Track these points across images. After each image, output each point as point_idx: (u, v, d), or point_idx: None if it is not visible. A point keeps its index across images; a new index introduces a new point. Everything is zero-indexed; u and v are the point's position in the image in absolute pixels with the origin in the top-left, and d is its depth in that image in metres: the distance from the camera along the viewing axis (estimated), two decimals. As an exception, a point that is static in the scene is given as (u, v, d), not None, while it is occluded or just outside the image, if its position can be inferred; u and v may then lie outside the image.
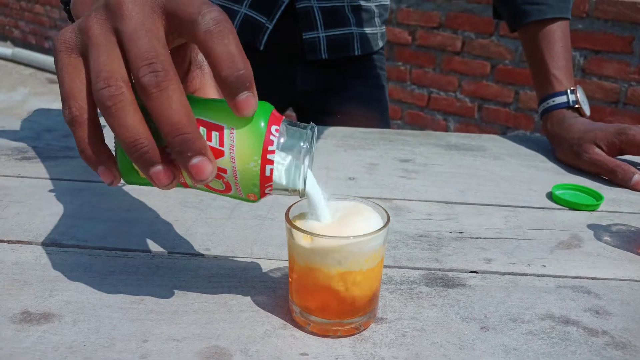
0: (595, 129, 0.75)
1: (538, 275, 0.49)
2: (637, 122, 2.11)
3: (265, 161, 0.34)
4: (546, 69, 0.81)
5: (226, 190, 0.36)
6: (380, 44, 1.03)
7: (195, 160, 0.32)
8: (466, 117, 2.54)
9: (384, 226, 0.38)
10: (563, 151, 0.78)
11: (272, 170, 0.34)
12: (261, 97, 0.35)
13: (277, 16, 0.91)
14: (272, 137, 0.34)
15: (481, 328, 0.41)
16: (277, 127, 0.35)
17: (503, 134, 2.43)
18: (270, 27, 0.91)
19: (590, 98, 2.15)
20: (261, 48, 0.93)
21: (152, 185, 0.35)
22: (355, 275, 0.38)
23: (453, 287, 0.47)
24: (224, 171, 0.34)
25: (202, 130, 0.33)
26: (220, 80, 0.32)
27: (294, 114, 1.11)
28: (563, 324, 0.42)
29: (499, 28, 2.33)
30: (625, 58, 2.08)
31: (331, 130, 0.88)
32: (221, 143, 0.33)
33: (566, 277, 0.49)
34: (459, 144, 0.85)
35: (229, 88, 0.32)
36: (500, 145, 0.85)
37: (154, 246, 0.51)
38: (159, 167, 0.32)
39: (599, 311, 0.44)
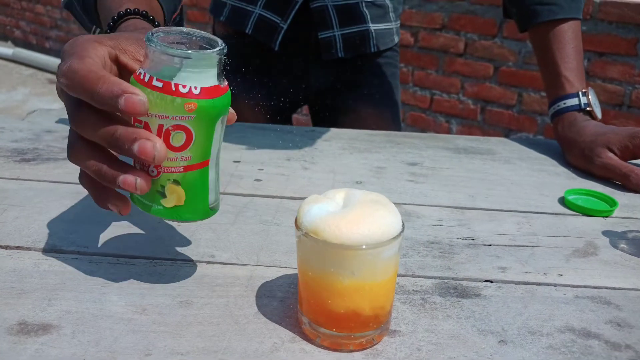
0: (607, 133, 0.73)
1: (555, 285, 0.47)
2: (642, 125, 2.10)
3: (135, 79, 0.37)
4: (557, 70, 0.79)
5: (189, 139, 0.37)
6: (396, 39, 1.02)
7: (135, 146, 0.35)
8: (469, 119, 2.52)
9: (399, 235, 0.36)
10: (574, 155, 0.76)
11: (150, 77, 0.36)
12: (276, 94, 0.35)
13: (291, 16, 0.90)
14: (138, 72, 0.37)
15: (499, 342, 0.40)
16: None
17: (506, 136, 2.41)
18: (285, 26, 0.91)
19: (594, 100, 2.14)
20: (276, 48, 0.92)
21: (172, 218, 0.40)
22: (369, 286, 0.36)
23: (468, 297, 0.45)
24: (160, 127, 0.36)
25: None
26: None
27: (305, 116, 1.11)
28: (584, 337, 0.41)
29: (502, 29, 2.32)
30: (630, 60, 2.07)
31: (336, 133, 0.86)
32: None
33: (584, 286, 0.48)
34: (467, 147, 0.83)
35: (109, 108, 0.36)
36: (510, 149, 0.83)
37: (157, 252, 0.49)
38: (120, 178, 0.37)
39: (621, 323, 0.43)
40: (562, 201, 0.65)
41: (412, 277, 0.47)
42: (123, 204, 0.39)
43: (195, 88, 0.35)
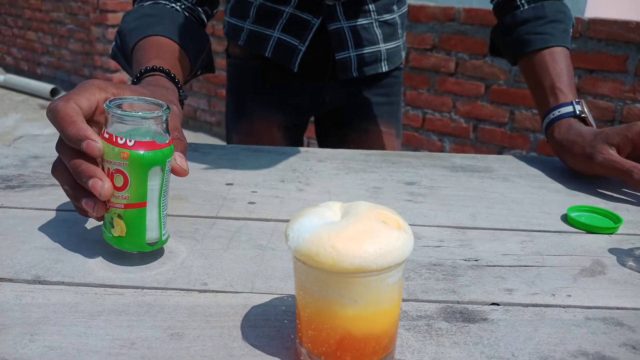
0: (605, 130, 0.73)
1: (564, 307, 0.45)
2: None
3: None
4: (551, 84, 0.80)
5: (126, 181, 0.45)
6: (402, 54, 1.07)
7: (90, 181, 0.44)
8: (461, 138, 2.53)
9: (403, 262, 0.34)
10: (574, 156, 0.74)
11: (104, 131, 0.45)
12: (291, 113, 0.39)
13: (309, 38, 0.93)
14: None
15: (510, 369, 0.37)
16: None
17: (499, 154, 2.41)
18: (303, 49, 0.94)
19: (586, 117, 2.14)
20: (295, 70, 0.95)
21: (116, 246, 0.48)
22: (372, 314, 0.34)
23: (474, 322, 0.43)
24: (108, 169, 0.46)
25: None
26: None
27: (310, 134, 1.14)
28: (598, 362, 0.39)
29: (493, 49, 2.34)
30: (620, 77, 2.08)
31: (331, 153, 0.84)
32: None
33: (594, 307, 0.46)
34: (464, 165, 0.81)
35: (76, 147, 0.45)
36: (508, 166, 0.82)
37: (146, 281, 0.47)
38: (83, 200, 0.46)
39: (636, 346, 0.41)
40: (565, 219, 0.63)
41: (415, 302, 0.45)
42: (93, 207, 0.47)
43: (130, 141, 0.44)
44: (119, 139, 0.44)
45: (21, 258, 0.50)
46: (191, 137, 3.50)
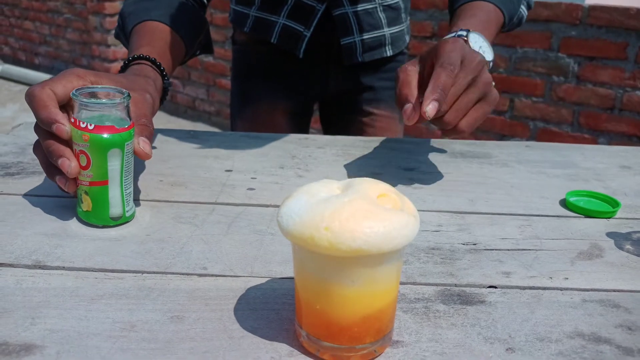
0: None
1: (561, 289, 0.46)
2: (634, 129, 2.10)
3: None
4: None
5: (88, 161, 0.50)
6: (407, 39, 1.06)
7: (59, 160, 0.50)
8: (461, 126, 2.52)
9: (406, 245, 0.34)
10: None
11: (71, 116, 0.51)
12: (296, 98, 0.38)
13: (314, 24, 0.93)
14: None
15: (507, 349, 0.38)
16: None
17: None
18: (308, 35, 0.93)
19: (585, 104, 2.14)
20: (300, 56, 0.95)
21: (85, 219, 0.54)
22: (370, 295, 0.34)
23: (472, 304, 0.43)
24: (75, 150, 0.51)
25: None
26: None
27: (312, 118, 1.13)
28: (594, 342, 0.39)
29: (493, 36, 2.32)
30: (620, 64, 2.07)
31: (330, 140, 0.84)
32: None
33: (591, 290, 0.46)
34: (463, 151, 0.82)
35: (47, 129, 0.51)
36: (506, 152, 0.82)
37: (146, 266, 0.47)
38: (57, 177, 0.52)
39: (632, 327, 0.41)
40: (564, 203, 0.63)
41: (413, 285, 0.46)
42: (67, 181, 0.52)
43: (90, 125, 0.49)
44: (81, 123, 0.49)
45: (21, 243, 0.50)
46: (190, 126, 3.49)
